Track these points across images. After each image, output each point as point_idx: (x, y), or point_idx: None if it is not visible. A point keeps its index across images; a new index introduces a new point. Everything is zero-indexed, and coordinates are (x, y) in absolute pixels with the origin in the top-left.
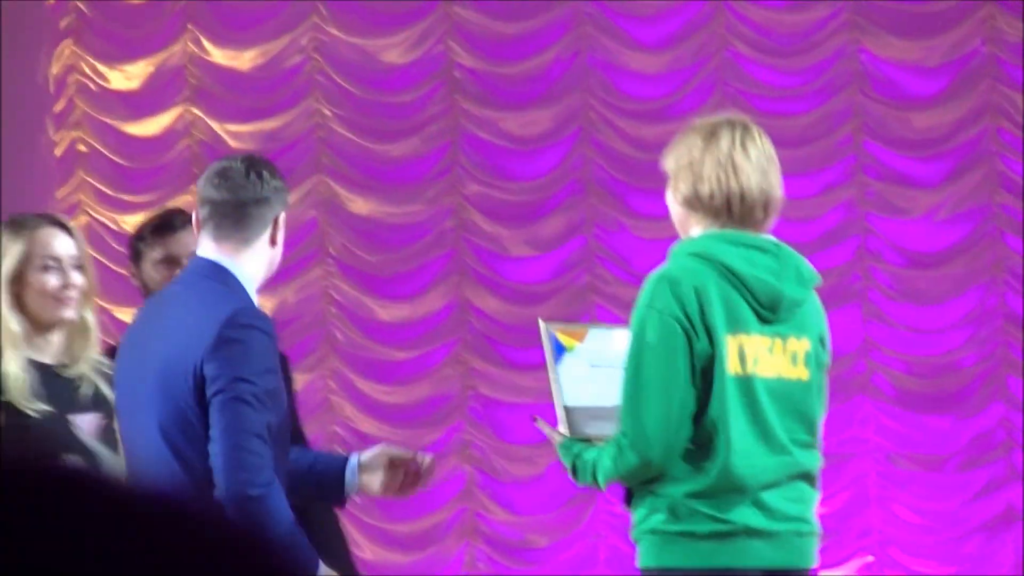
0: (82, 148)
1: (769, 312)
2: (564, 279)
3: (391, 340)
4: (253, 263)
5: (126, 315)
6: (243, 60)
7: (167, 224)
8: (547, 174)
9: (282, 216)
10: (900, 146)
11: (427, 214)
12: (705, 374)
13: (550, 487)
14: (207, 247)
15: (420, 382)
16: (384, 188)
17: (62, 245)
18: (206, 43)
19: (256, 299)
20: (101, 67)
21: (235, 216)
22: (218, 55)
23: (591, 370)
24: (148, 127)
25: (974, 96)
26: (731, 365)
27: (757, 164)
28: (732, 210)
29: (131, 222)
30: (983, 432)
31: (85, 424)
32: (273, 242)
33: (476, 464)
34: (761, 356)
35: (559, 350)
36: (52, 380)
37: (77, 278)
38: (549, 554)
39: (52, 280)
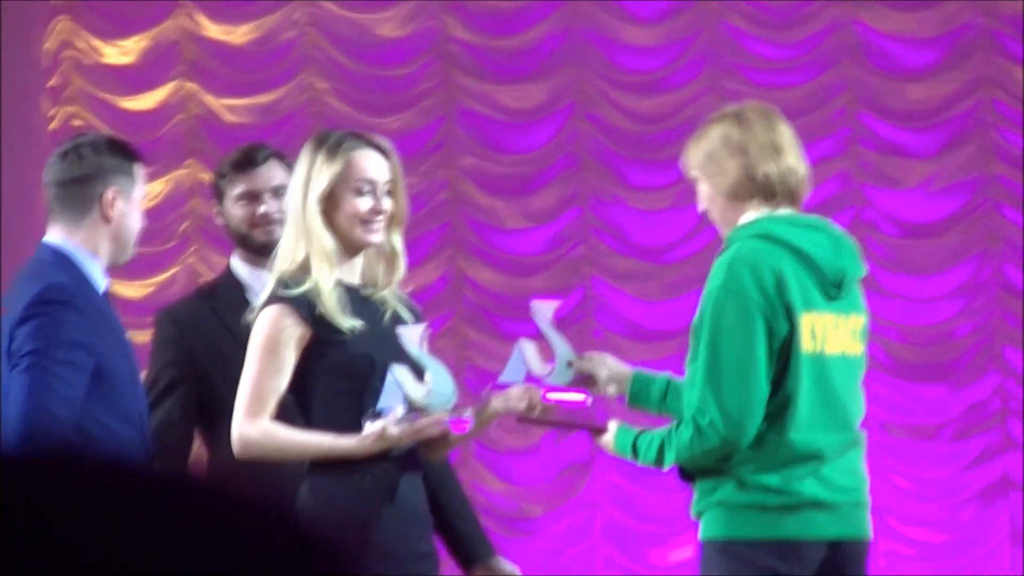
0: (77, 123)
1: (835, 289)
2: (559, 251)
3: None
4: (90, 242)
5: (126, 289)
6: (238, 34)
7: (248, 158)
8: (542, 147)
9: (113, 192)
10: (895, 118)
11: (422, 187)
12: (781, 352)
13: (545, 457)
14: (50, 230)
15: None
16: None
17: (378, 168)
18: (201, 18)
19: (102, 279)
20: (96, 42)
21: (61, 197)
22: (213, 29)
23: None
24: (143, 102)
25: (969, 68)
26: (806, 343)
27: (790, 143)
28: (788, 189)
29: None
30: (978, 401)
31: (410, 334)
32: (107, 219)
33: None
34: (829, 333)
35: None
36: (359, 301)
37: (387, 203)
38: (544, 524)
39: (365, 203)
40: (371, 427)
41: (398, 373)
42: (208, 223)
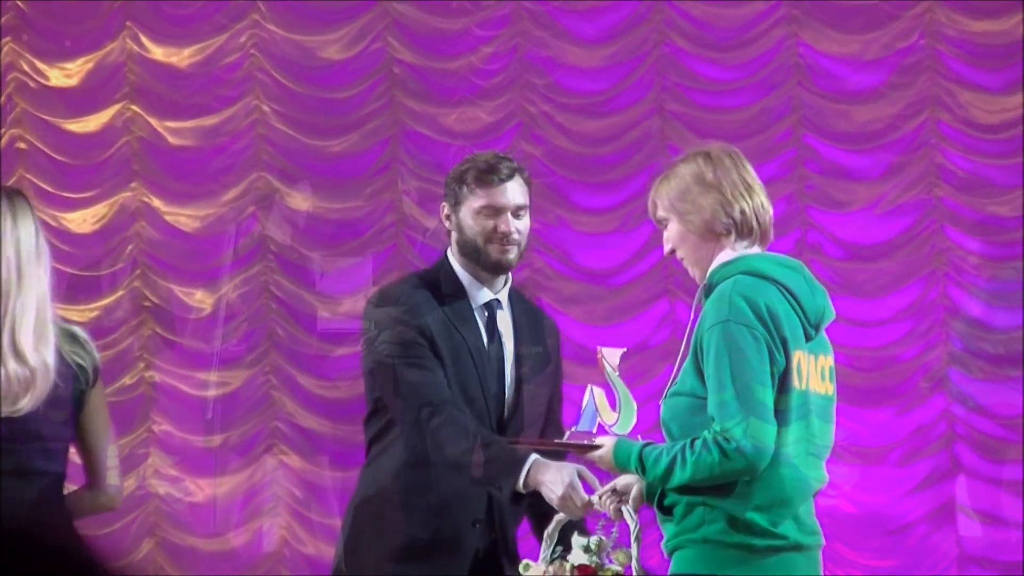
0: (22, 146)
1: (813, 329)
2: None
3: (332, 336)
4: None
5: (70, 313)
6: (182, 57)
7: (494, 171)
8: None
9: None
10: (840, 139)
11: (367, 210)
12: (778, 384)
13: None
14: None
15: (361, 377)
16: (324, 184)
17: None
18: (145, 40)
19: None
20: (40, 64)
21: None
22: (157, 52)
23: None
24: (88, 124)
25: (914, 89)
26: (794, 379)
27: (758, 182)
28: (762, 227)
29: (72, 219)
30: (924, 425)
31: None
32: None
33: None
34: (810, 372)
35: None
36: None
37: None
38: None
39: None
40: None
41: None
42: (154, 246)
